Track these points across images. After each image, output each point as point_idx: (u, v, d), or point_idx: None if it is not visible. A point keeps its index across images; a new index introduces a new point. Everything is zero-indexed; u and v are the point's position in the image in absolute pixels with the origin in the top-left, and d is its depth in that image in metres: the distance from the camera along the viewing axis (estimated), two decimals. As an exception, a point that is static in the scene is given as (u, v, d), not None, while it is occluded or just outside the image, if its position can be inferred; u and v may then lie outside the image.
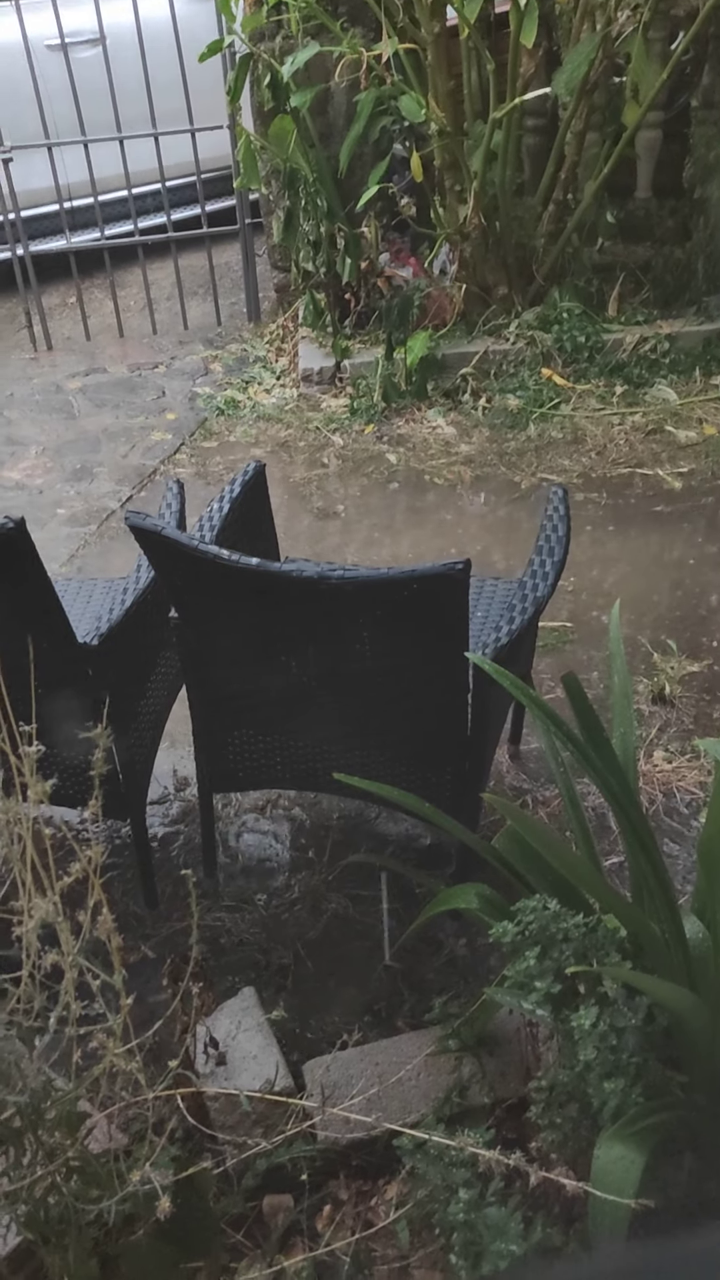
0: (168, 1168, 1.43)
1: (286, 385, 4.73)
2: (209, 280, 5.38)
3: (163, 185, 5.07)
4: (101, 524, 3.89)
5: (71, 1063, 1.39)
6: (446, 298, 4.58)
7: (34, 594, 1.96)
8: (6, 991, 1.28)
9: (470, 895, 1.82)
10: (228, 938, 2.31)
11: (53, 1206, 1.41)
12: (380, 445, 4.25)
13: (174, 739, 2.68)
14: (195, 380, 4.88)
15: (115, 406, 4.71)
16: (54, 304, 5.70)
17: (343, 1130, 1.76)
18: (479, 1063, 1.81)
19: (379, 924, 2.30)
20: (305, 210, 4.39)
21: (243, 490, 2.41)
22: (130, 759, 2.22)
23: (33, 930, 1.19)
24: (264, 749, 2.26)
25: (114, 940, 1.20)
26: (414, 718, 2.09)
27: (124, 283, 5.67)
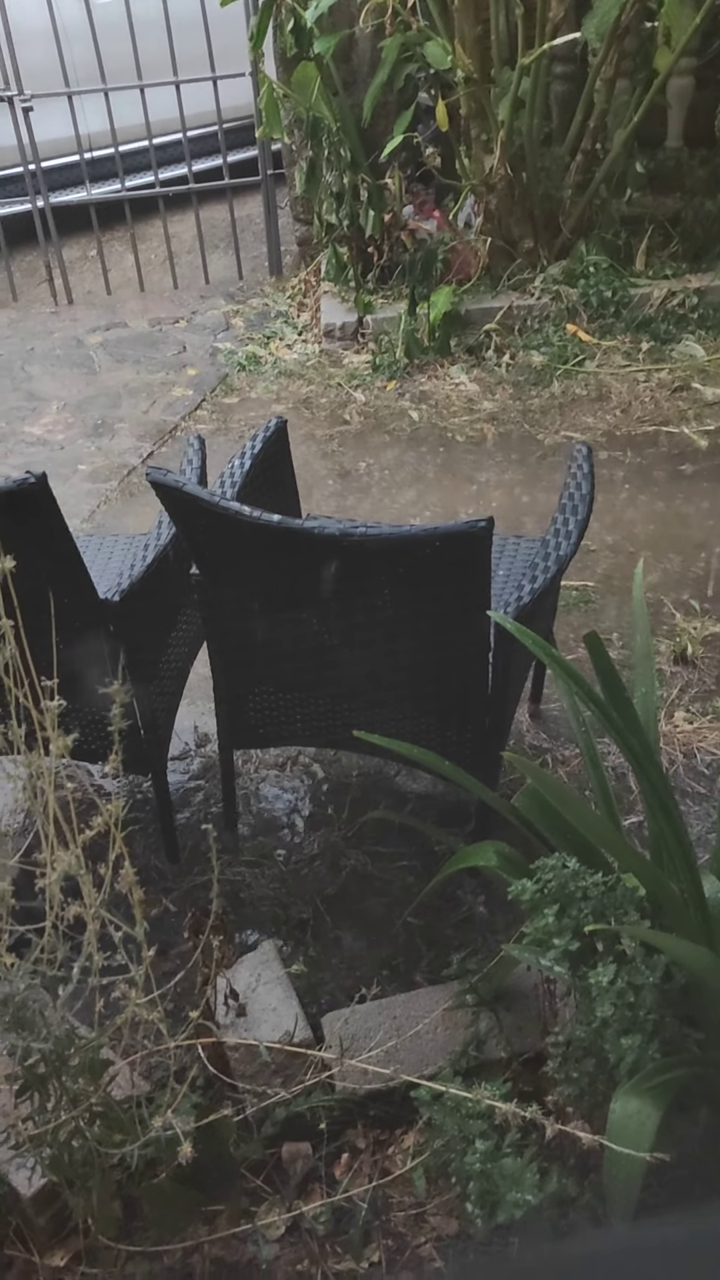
0: (189, 1114, 1.46)
1: (308, 341, 4.68)
2: (230, 233, 5.32)
3: (184, 135, 5.00)
4: (122, 480, 3.88)
5: (95, 1012, 1.41)
6: (471, 251, 4.52)
7: (56, 550, 1.96)
8: (31, 942, 1.29)
9: (489, 853, 1.83)
10: (248, 892, 2.33)
11: (76, 1150, 1.44)
12: (403, 402, 4.21)
13: (194, 695, 2.69)
14: (216, 335, 4.85)
15: (136, 362, 4.69)
16: (74, 257, 5.65)
17: (360, 1081, 1.78)
18: (496, 1018, 1.83)
19: (398, 880, 2.31)
20: (328, 161, 4.32)
21: (264, 446, 2.40)
22: (151, 715, 2.23)
23: (56, 882, 1.20)
24: (284, 706, 2.27)
25: (136, 893, 1.21)
26: (435, 676, 2.08)
27: (144, 236, 5.61)
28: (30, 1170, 1.48)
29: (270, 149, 5.00)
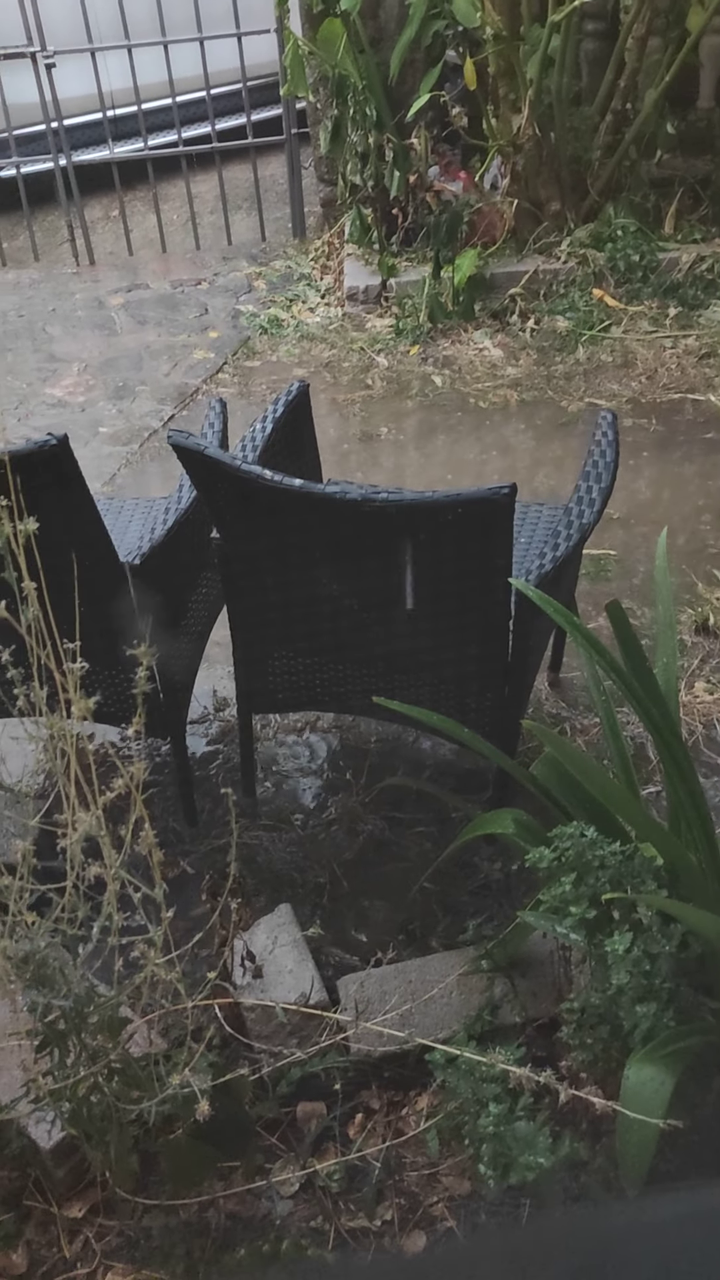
0: (206, 1073, 1.47)
1: (331, 304, 4.64)
2: (253, 194, 5.26)
3: (207, 92, 4.93)
4: (143, 444, 3.87)
5: (114, 971, 1.43)
6: (497, 214, 4.45)
7: (77, 512, 1.96)
8: (51, 901, 1.31)
9: (507, 820, 1.83)
10: (265, 856, 2.34)
11: (95, 1105, 1.47)
12: (425, 367, 4.18)
13: (213, 660, 2.70)
14: (238, 297, 4.81)
15: (157, 324, 4.66)
16: (96, 217, 5.61)
17: (375, 1044, 1.80)
18: (511, 983, 1.84)
19: (415, 846, 2.32)
20: (353, 120, 4.26)
21: (286, 410, 2.39)
22: (171, 678, 2.24)
23: (77, 843, 1.21)
24: (303, 671, 2.27)
25: (155, 855, 1.22)
26: (455, 643, 2.08)
27: (166, 196, 5.56)
28: (50, 1124, 1.51)
29: (295, 107, 4.93)
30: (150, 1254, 1.62)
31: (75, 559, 1.65)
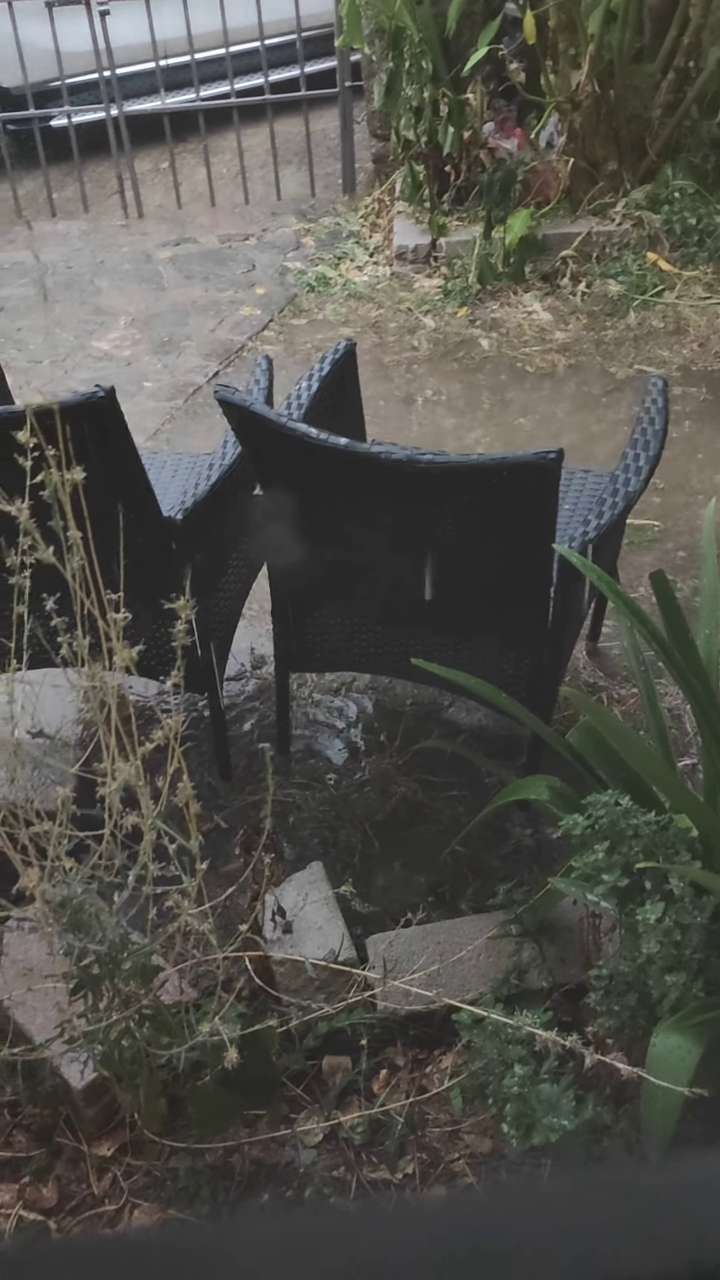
0: (235, 1023, 1.50)
1: (380, 263, 4.59)
2: (304, 148, 5.19)
3: (261, 43, 4.86)
4: (187, 399, 3.87)
5: (147, 919, 1.45)
6: (551, 173, 4.37)
7: (122, 466, 1.96)
8: (89, 848, 1.33)
9: (541, 786, 1.83)
10: (297, 814, 2.36)
11: (126, 1049, 1.49)
12: (473, 329, 4.13)
13: (252, 618, 2.70)
14: (286, 254, 4.77)
15: (205, 279, 4.63)
16: (146, 169, 5.57)
17: (402, 1002, 1.82)
18: (539, 948, 1.85)
19: (447, 810, 2.33)
20: (408, 73, 4.19)
21: (333, 369, 2.37)
22: (210, 634, 2.25)
23: (115, 792, 1.22)
24: (342, 631, 2.27)
25: (192, 807, 1.23)
26: (495, 607, 2.07)
27: (216, 149, 5.51)
28: (83, 1064, 1.54)
29: (349, 60, 4.85)
30: (176, 1194, 1.66)
31: (126, 510, 1.65)
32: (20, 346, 4.21)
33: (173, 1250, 0.29)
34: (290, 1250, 0.29)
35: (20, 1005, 1.72)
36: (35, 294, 4.57)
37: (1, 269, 4.76)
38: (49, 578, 1.36)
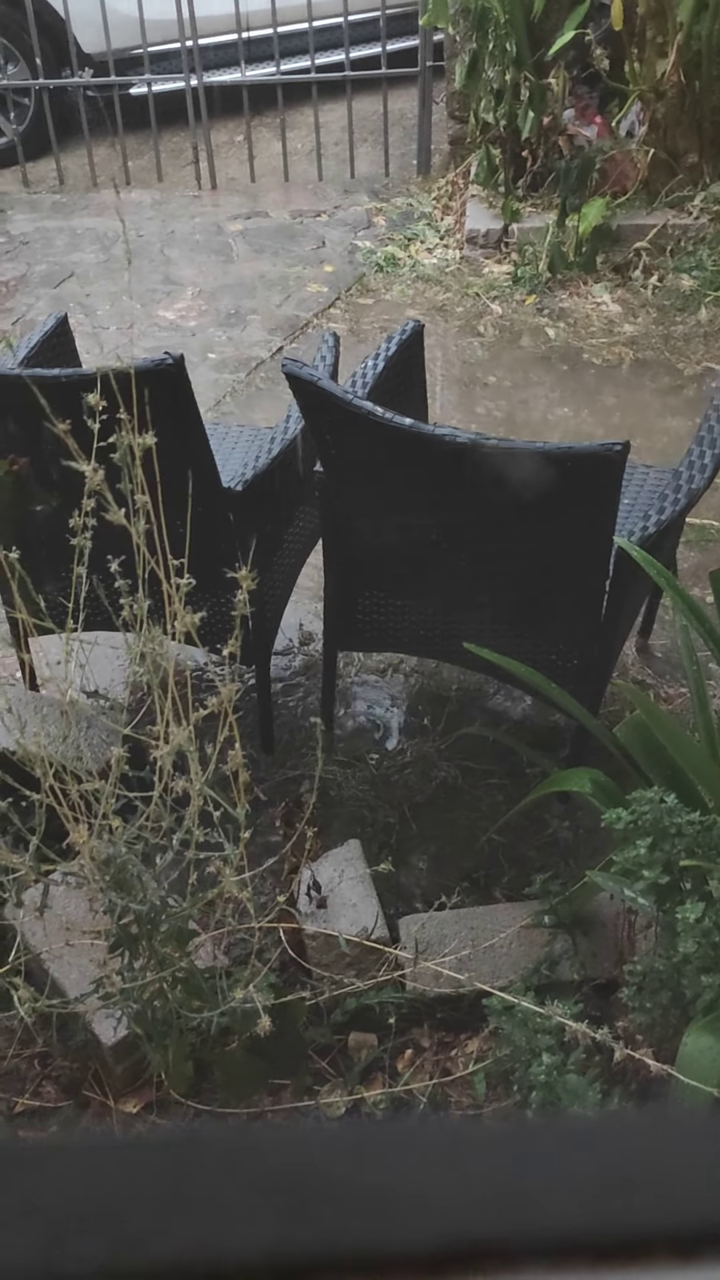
0: (267, 992, 1.51)
1: (450, 246, 4.56)
2: (380, 127, 5.16)
3: (345, 19, 4.83)
4: (250, 372, 3.87)
5: (187, 884, 1.47)
6: (630, 162, 4.31)
7: (186, 434, 1.97)
8: (136, 810, 1.34)
9: (584, 779, 1.83)
10: (337, 791, 2.37)
11: (158, 1009, 1.52)
12: (540, 318, 4.09)
13: (302, 594, 2.71)
14: (357, 232, 4.75)
15: (274, 253, 4.63)
16: (221, 141, 5.57)
17: (431, 984, 1.83)
18: (573, 940, 1.85)
19: (486, 797, 2.33)
20: (491, 55, 4.14)
21: (399, 349, 2.36)
22: (262, 607, 2.26)
23: (168, 755, 1.24)
24: (393, 612, 2.27)
25: (241, 775, 1.24)
26: (549, 597, 2.06)
27: (293, 124, 5.49)
28: (116, 1020, 1.57)
29: (431, 39, 4.81)
30: (198, 1156, 1.68)
31: (183, 479, 1.67)
32: (88, 312, 4.23)
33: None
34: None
35: (57, 959, 1.75)
36: (105, 261, 4.60)
37: (75, 234, 4.80)
38: (107, 540, 1.37)
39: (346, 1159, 0.27)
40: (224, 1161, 0.27)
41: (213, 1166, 0.27)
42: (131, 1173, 0.26)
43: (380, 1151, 0.28)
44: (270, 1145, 0.29)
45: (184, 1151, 0.28)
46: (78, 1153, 0.28)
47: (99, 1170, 0.27)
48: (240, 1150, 0.28)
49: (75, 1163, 0.27)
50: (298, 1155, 0.28)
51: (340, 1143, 0.29)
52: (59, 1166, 0.27)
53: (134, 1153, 0.28)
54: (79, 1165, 0.27)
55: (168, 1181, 0.26)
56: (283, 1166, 0.27)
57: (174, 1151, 0.28)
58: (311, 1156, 0.28)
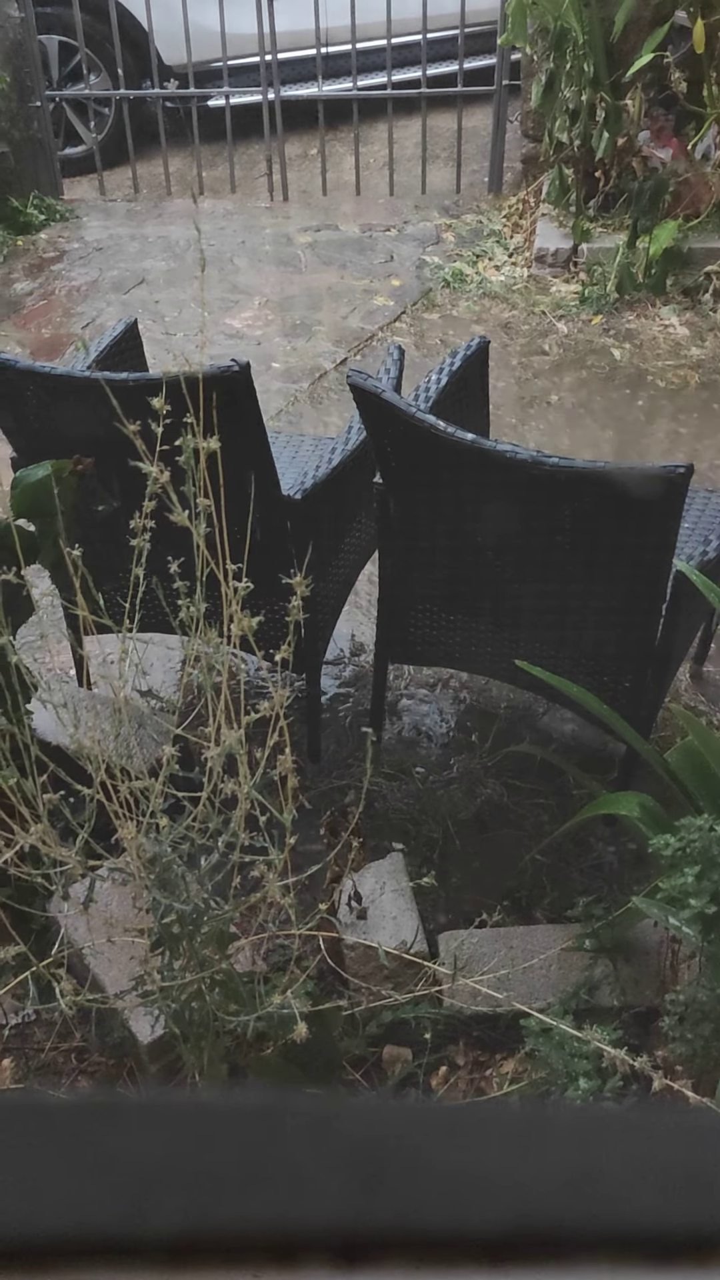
0: (304, 999, 1.51)
1: (518, 264, 4.56)
2: (454, 143, 5.18)
3: (423, 37, 4.86)
4: (313, 383, 3.90)
5: (230, 887, 1.47)
6: (704, 186, 4.28)
7: (249, 440, 1.99)
8: (183, 809, 1.35)
9: (632, 803, 1.81)
10: (382, 803, 2.37)
11: (196, 1010, 1.52)
12: (606, 338, 4.07)
13: (354, 606, 2.72)
14: (425, 248, 4.77)
15: (342, 266, 4.66)
16: (295, 154, 5.63)
17: (469, 1001, 1.82)
18: (613, 966, 1.82)
19: (531, 817, 2.31)
20: (568, 75, 4.14)
21: (464, 364, 2.37)
22: (315, 615, 2.27)
23: (219, 757, 1.25)
24: (446, 626, 2.27)
25: (291, 780, 1.25)
26: (604, 618, 2.05)
27: (366, 139, 5.53)
28: (154, 1019, 1.58)
29: (509, 58, 4.82)
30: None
31: (244, 485, 1.68)
32: (156, 318, 4.29)
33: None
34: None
35: (98, 955, 1.76)
36: (175, 268, 4.66)
37: (146, 242, 4.87)
38: (166, 542, 1.39)
39: (426, 1137, 0.28)
40: (307, 1130, 0.27)
41: (296, 1134, 0.27)
42: (216, 1135, 0.27)
43: (460, 1132, 0.28)
44: (353, 1118, 0.29)
45: (269, 1117, 0.28)
46: (166, 1112, 0.29)
47: (185, 1130, 0.27)
48: (324, 1120, 0.28)
49: (163, 1121, 0.28)
50: (379, 1130, 0.28)
51: (421, 1120, 0.29)
52: (148, 1124, 0.27)
53: (220, 1115, 0.28)
54: (167, 1124, 0.28)
55: (251, 1146, 0.27)
56: (364, 1140, 0.27)
57: (259, 1117, 0.28)
58: (392, 1132, 0.28)
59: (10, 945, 1.30)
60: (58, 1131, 0.26)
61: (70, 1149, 0.26)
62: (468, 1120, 0.29)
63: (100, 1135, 0.27)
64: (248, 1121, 0.28)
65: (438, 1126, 0.28)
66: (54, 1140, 0.26)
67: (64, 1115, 0.28)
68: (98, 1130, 0.27)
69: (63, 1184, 0.25)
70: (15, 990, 1.68)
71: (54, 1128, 0.27)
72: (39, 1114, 0.28)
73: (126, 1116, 0.28)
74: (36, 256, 4.75)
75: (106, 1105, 0.29)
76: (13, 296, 4.49)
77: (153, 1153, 0.26)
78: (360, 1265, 0.25)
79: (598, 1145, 0.28)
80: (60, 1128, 0.27)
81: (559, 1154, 0.27)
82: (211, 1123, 0.28)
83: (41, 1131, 0.26)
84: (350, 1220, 0.25)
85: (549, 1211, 0.26)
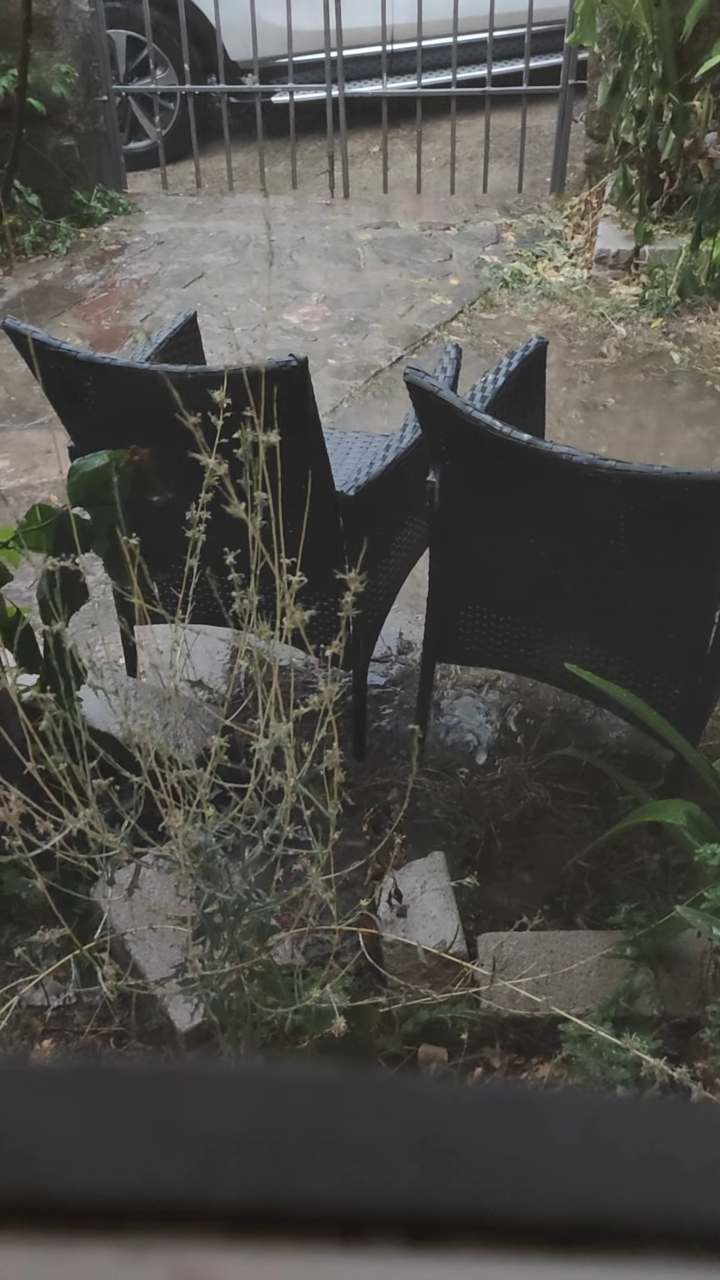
0: (343, 994, 1.52)
1: (578, 265, 4.53)
2: (516, 143, 5.16)
3: (490, 35, 4.84)
4: (368, 380, 3.90)
5: (273, 879, 1.48)
6: (770, 189, 4.22)
7: (304, 435, 2.00)
8: (229, 800, 1.36)
9: (678, 811, 1.79)
10: (425, 802, 2.36)
11: (234, 1000, 1.53)
12: (665, 342, 4.03)
13: (403, 604, 2.72)
14: (485, 247, 4.75)
15: (400, 264, 4.66)
16: (356, 151, 5.63)
17: (507, 1004, 1.81)
18: (654, 975, 1.81)
19: (574, 821, 2.30)
20: (636, 75, 4.10)
21: (521, 365, 2.35)
22: (365, 612, 2.27)
23: (267, 750, 1.25)
24: (494, 628, 2.26)
25: (337, 775, 1.25)
26: (655, 624, 2.03)
27: (428, 137, 5.52)
28: (193, 1007, 1.59)
29: (575, 57, 4.79)
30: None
31: (296, 480, 1.69)
32: (215, 312, 4.31)
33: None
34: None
35: (139, 941, 1.78)
36: (235, 263, 4.69)
37: (207, 236, 4.90)
38: (218, 534, 1.40)
39: (496, 1119, 0.28)
40: (375, 1108, 0.27)
41: (365, 1111, 0.27)
42: (286, 1107, 0.27)
43: (531, 1116, 0.28)
44: (421, 1097, 0.29)
45: (338, 1093, 0.28)
46: (236, 1082, 0.29)
47: (255, 1101, 0.28)
48: (393, 1098, 0.28)
49: (233, 1092, 0.28)
50: (447, 1110, 0.28)
51: (492, 1102, 0.29)
52: (218, 1094, 0.28)
53: (290, 1088, 0.28)
54: (236, 1094, 0.28)
55: (320, 1120, 0.27)
56: (432, 1120, 0.27)
57: (328, 1091, 0.28)
58: (461, 1113, 0.28)
59: (56, 928, 1.32)
60: (133, 1096, 0.27)
61: (143, 1114, 0.26)
62: (539, 1104, 0.29)
63: (172, 1102, 0.27)
64: (318, 1096, 0.28)
65: (508, 1109, 0.28)
66: (129, 1105, 0.26)
67: (140, 1081, 0.28)
68: (171, 1097, 0.27)
69: (136, 1148, 0.25)
70: (57, 973, 1.70)
71: (129, 1092, 0.27)
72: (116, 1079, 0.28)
73: (198, 1085, 0.28)
74: (99, 249, 4.80)
75: (179, 1073, 0.30)
76: (74, 288, 4.54)
77: (223, 1122, 0.26)
78: (427, 1246, 0.25)
79: (672, 1136, 0.28)
80: (135, 1093, 0.27)
81: (632, 1143, 0.27)
82: (282, 1095, 0.28)
83: (118, 1095, 0.27)
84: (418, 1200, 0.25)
85: (621, 1201, 0.26)
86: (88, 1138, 0.25)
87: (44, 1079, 0.29)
